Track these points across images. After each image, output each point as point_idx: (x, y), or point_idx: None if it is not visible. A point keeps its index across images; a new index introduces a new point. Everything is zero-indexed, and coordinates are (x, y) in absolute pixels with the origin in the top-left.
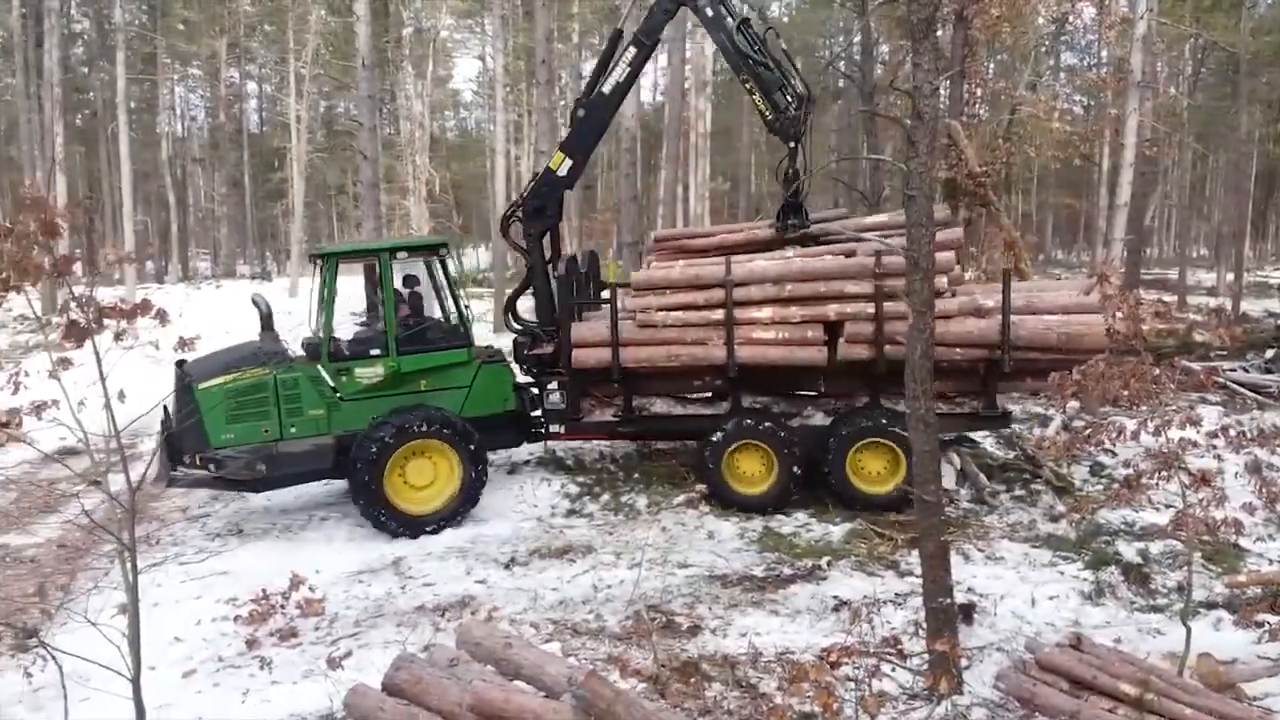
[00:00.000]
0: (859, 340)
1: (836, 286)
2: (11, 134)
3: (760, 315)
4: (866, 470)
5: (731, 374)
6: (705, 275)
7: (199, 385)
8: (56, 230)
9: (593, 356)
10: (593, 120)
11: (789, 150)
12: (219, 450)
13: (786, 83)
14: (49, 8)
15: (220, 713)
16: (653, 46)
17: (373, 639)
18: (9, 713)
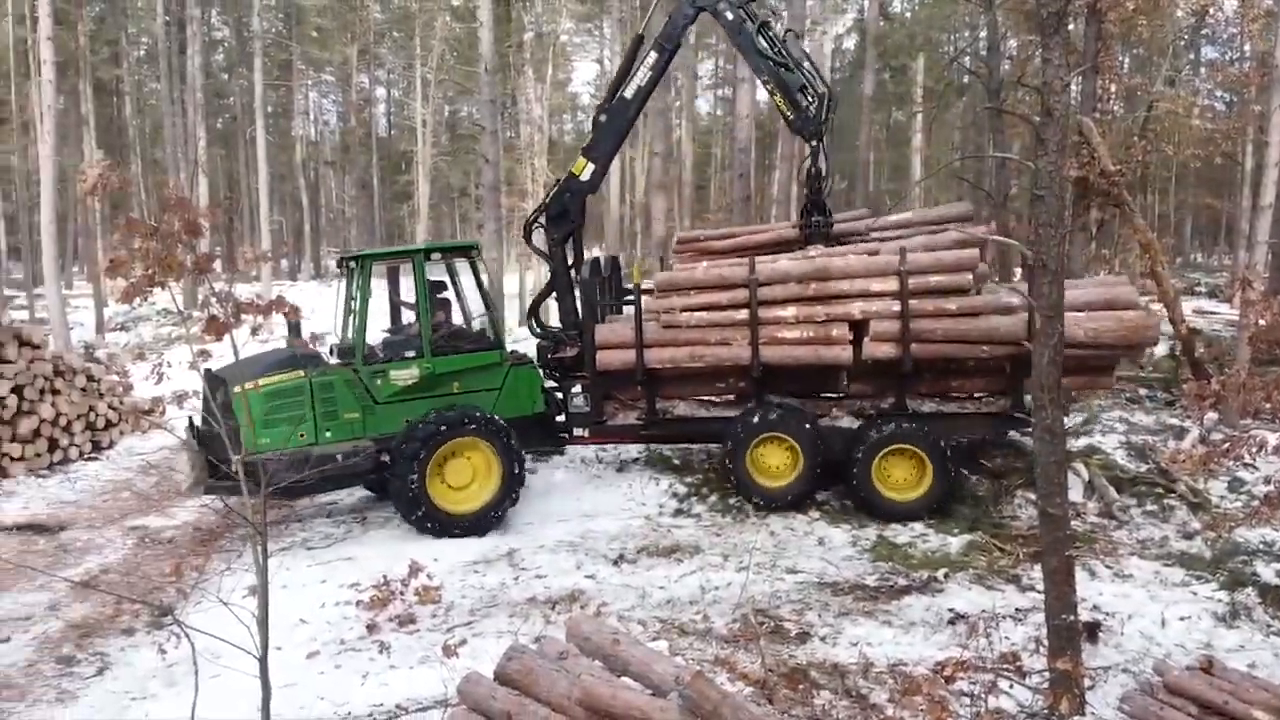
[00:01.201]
0: (885, 339)
1: (861, 285)
2: (157, 137)
3: (785, 314)
4: (892, 477)
5: (755, 374)
6: (729, 275)
7: (234, 389)
8: (199, 230)
9: (617, 358)
10: (614, 125)
11: (811, 150)
12: (257, 455)
13: (808, 83)
14: (191, 15)
15: (341, 694)
16: (674, 51)
17: (486, 628)
18: (145, 686)
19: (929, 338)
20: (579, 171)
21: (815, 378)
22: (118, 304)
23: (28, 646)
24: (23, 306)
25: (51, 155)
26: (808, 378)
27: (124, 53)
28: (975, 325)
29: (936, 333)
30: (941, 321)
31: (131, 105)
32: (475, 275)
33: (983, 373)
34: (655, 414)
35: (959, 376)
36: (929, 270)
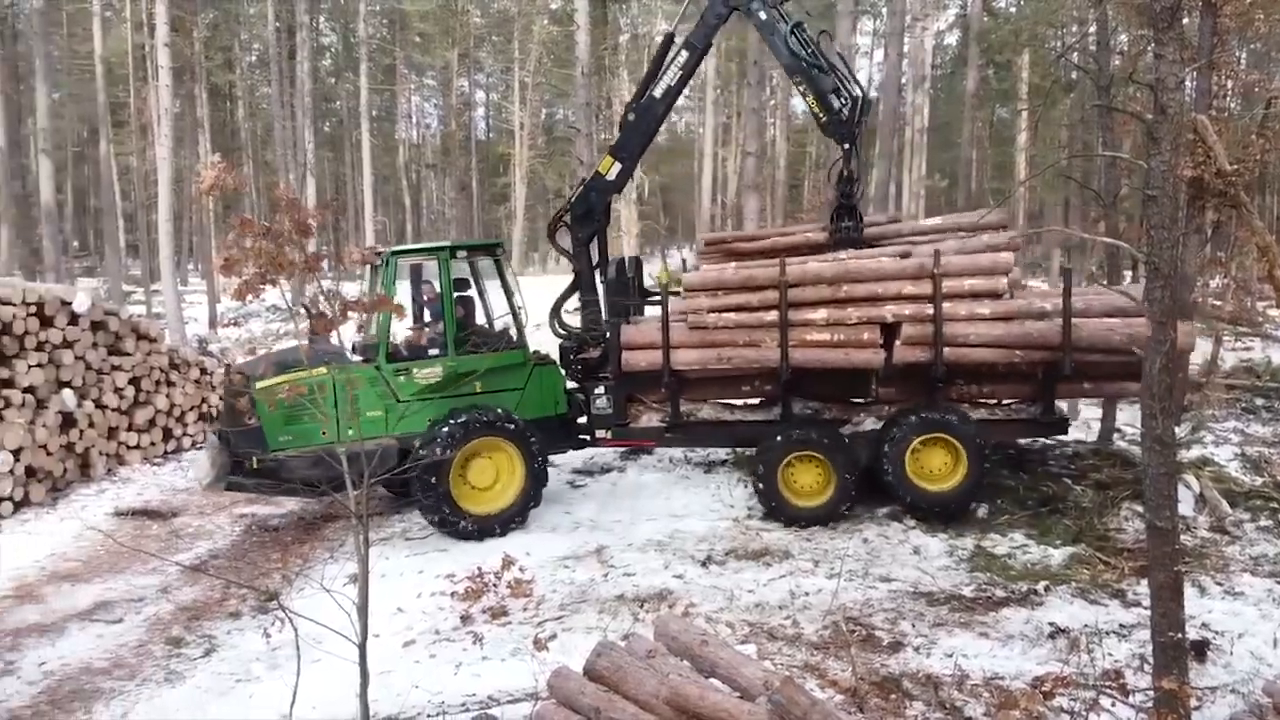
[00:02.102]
0: (916, 342)
1: (894, 287)
2: (267, 139)
3: (815, 317)
4: (926, 468)
5: (784, 377)
6: (759, 276)
7: (256, 386)
8: (309, 230)
9: (642, 359)
10: (642, 124)
11: (843, 152)
12: (278, 453)
13: (841, 85)
14: (300, 22)
15: (435, 683)
16: (704, 51)
17: (576, 623)
18: (249, 669)
19: (961, 342)
20: (605, 171)
21: (843, 382)
22: (230, 300)
23: (139, 627)
24: (140, 302)
25: (168, 157)
26: (836, 381)
27: (237, 58)
28: (1008, 330)
29: (969, 337)
30: (974, 326)
31: (244, 109)
32: (500, 274)
33: (1014, 378)
34: (679, 417)
35: (990, 381)
36: (963, 273)
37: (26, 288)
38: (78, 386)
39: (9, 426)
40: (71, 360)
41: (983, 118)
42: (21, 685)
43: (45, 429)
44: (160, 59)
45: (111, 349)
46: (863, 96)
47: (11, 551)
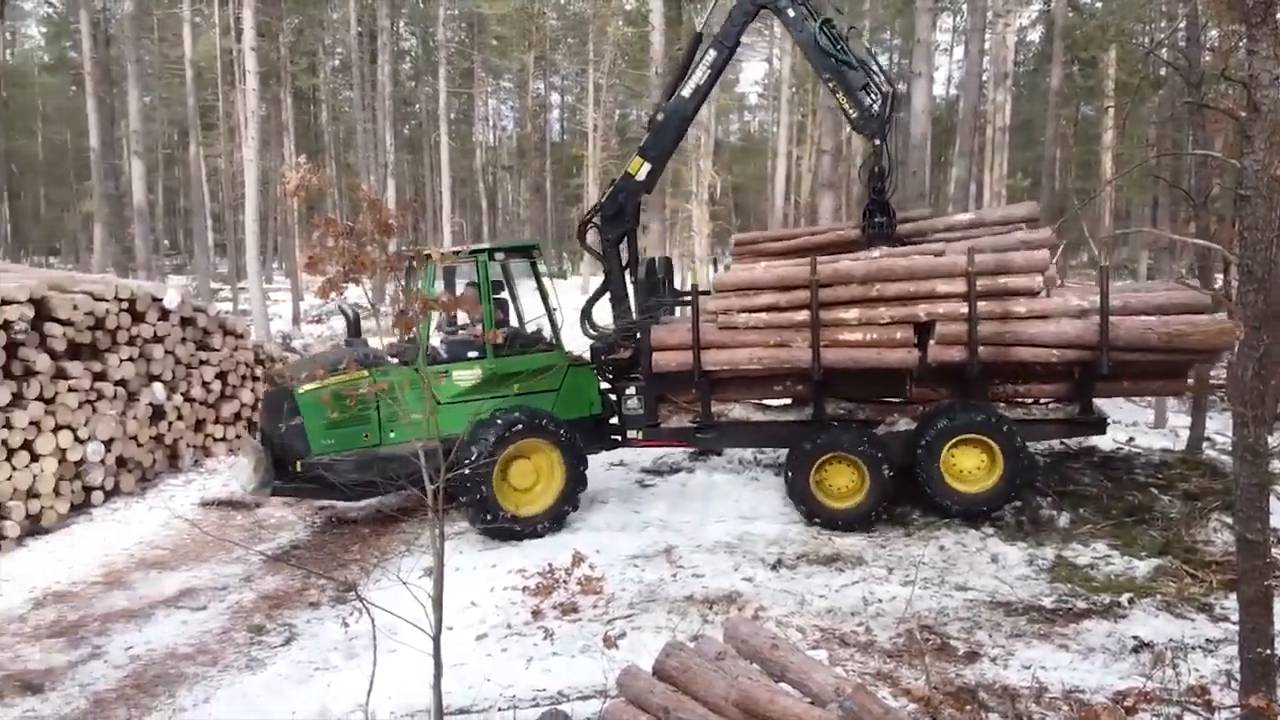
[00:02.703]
0: (951, 342)
1: (927, 286)
2: (349, 142)
3: (847, 316)
4: (961, 469)
5: (816, 377)
6: (789, 275)
7: (299, 390)
8: (390, 230)
9: (673, 360)
10: (671, 124)
11: (874, 148)
12: (321, 457)
13: (870, 81)
14: (381, 27)
15: (506, 676)
16: (733, 49)
17: (645, 623)
18: (327, 658)
19: (996, 341)
20: (635, 171)
21: (876, 381)
22: (314, 298)
23: (223, 615)
24: (227, 299)
25: (255, 158)
26: (868, 381)
27: (320, 63)
28: (1044, 329)
29: (1004, 336)
30: (1009, 325)
31: (327, 112)
32: (536, 276)
33: (1050, 377)
34: (710, 417)
35: (1026, 380)
36: (997, 271)
37: (119, 284)
38: (167, 380)
39: (101, 418)
40: (161, 355)
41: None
42: (108, 669)
43: (135, 421)
44: (247, 63)
45: (199, 344)
46: (892, 92)
47: (102, 539)
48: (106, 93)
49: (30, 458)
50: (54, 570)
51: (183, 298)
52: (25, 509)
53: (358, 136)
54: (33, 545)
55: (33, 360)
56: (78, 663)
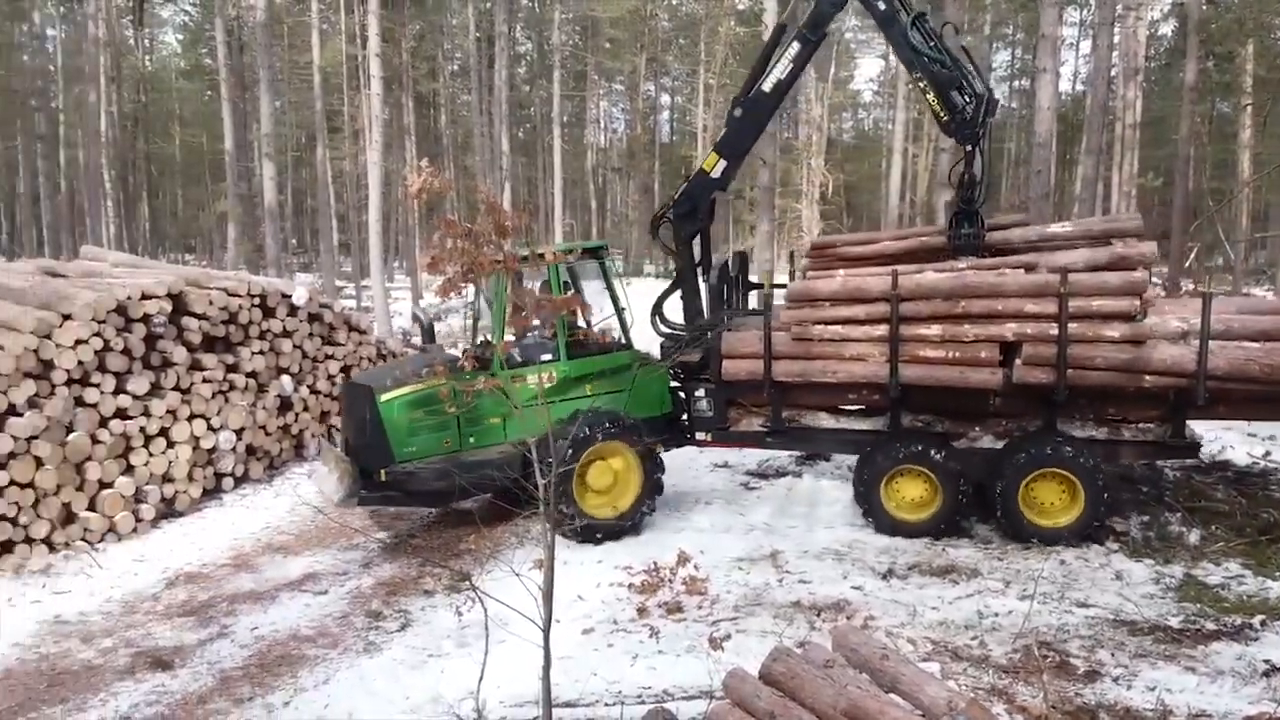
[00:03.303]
0: (1038, 363)
1: (1015, 305)
2: (466, 144)
3: (928, 333)
4: (1039, 501)
5: (894, 394)
6: (868, 287)
7: (381, 398)
8: (507, 231)
9: (743, 368)
10: (750, 120)
11: (965, 153)
12: (404, 464)
13: (965, 82)
14: (499, 32)
15: (612, 672)
16: (818, 43)
17: (750, 626)
18: (440, 645)
19: (1086, 364)
20: (709, 168)
21: (955, 396)
22: (433, 296)
23: (342, 600)
24: (351, 296)
25: (378, 161)
26: (947, 396)
27: (440, 67)
28: (1138, 354)
29: (1095, 360)
30: (1101, 348)
31: (445, 116)
32: (605, 276)
33: (1142, 400)
34: (781, 422)
35: (1115, 403)
36: (1092, 293)
37: (251, 281)
38: (294, 373)
39: (233, 408)
40: (290, 349)
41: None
42: (234, 648)
43: (265, 411)
44: (371, 69)
45: (325, 339)
46: (988, 95)
47: (231, 523)
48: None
49: (166, 444)
50: (186, 552)
51: (310, 294)
52: (161, 493)
53: (475, 139)
54: (166, 527)
55: (170, 352)
56: (206, 641)
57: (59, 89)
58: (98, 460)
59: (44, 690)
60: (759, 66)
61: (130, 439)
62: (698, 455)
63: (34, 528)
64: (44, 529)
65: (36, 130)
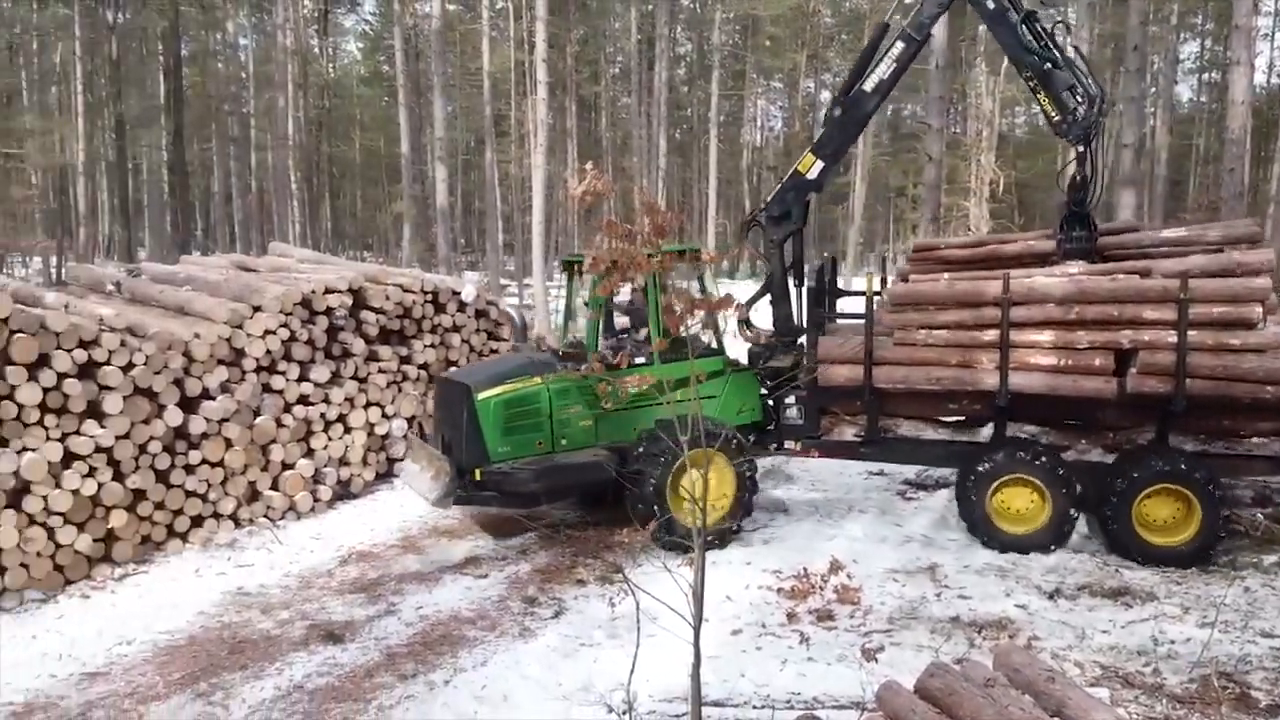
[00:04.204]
0: (1154, 372)
1: (1132, 311)
2: (625, 146)
3: (1040, 339)
4: (1152, 518)
5: (1002, 402)
6: (978, 291)
7: (478, 396)
8: (665, 232)
9: (841, 374)
10: (850, 120)
11: (1077, 155)
12: (500, 465)
13: (1078, 82)
14: (660, 34)
15: (761, 675)
16: (923, 42)
17: (905, 639)
18: (591, 634)
19: (1205, 374)
20: (805, 169)
21: (1062, 406)
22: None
23: (500, 584)
24: (513, 294)
25: (542, 164)
26: (1054, 406)
27: (602, 71)
28: (1260, 363)
29: (1216, 369)
30: (1221, 357)
31: (605, 118)
32: (700, 279)
33: (1262, 412)
34: (876, 432)
35: (1232, 414)
36: (1213, 299)
37: (424, 278)
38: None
39: (405, 397)
40: (458, 343)
41: None
42: (400, 626)
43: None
44: (538, 74)
45: (490, 334)
46: (1100, 95)
47: (400, 506)
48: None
49: (344, 430)
50: (358, 532)
51: (478, 291)
52: (337, 475)
53: (633, 141)
54: (341, 508)
55: (350, 343)
56: (375, 617)
57: (250, 95)
58: (281, 443)
59: (225, 657)
60: (860, 65)
61: (311, 424)
62: (849, 463)
63: (221, 504)
64: (230, 505)
65: (230, 134)
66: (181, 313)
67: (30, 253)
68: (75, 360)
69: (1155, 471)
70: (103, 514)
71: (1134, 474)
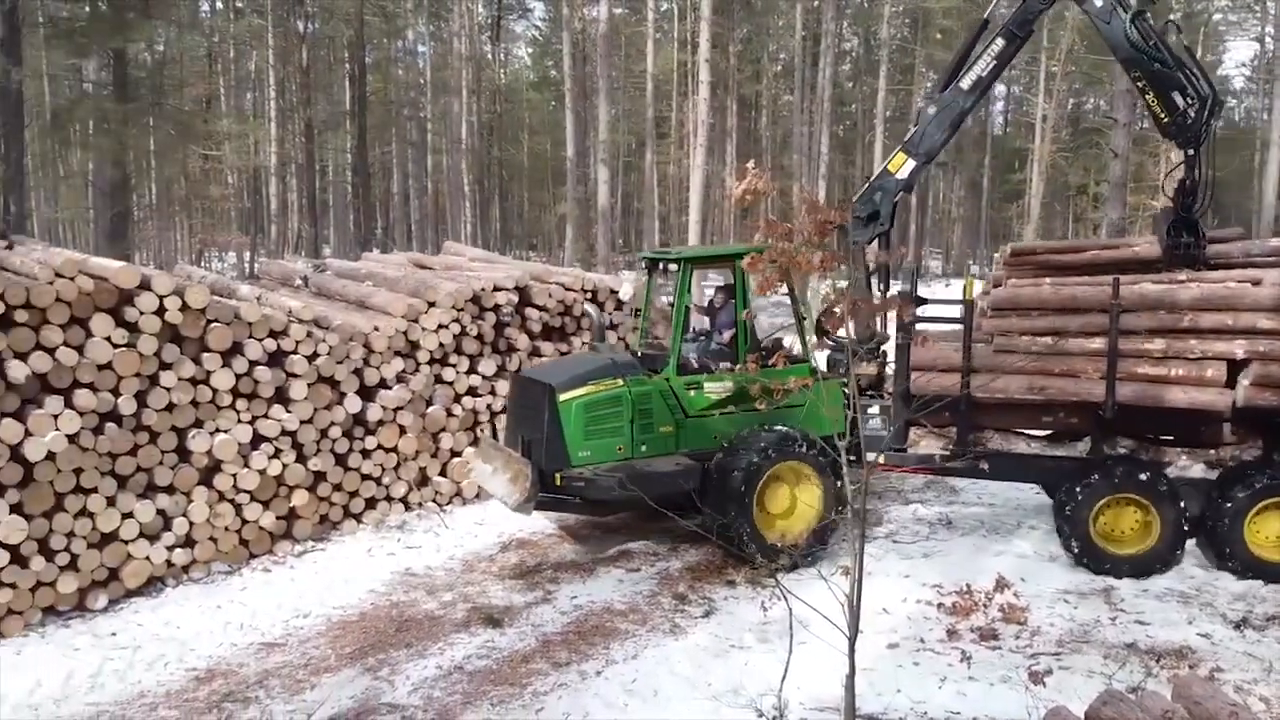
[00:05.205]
0: (1269, 384)
1: (1248, 319)
2: (784, 145)
3: (1151, 347)
4: (1264, 535)
5: (1109, 414)
6: (1085, 297)
7: (561, 397)
8: (827, 231)
9: (935, 383)
10: (945, 118)
11: (1185, 158)
12: (582, 469)
13: (1189, 83)
14: (826, 30)
15: (918, 691)
16: (1025, 40)
17: (1075, 664)
18: (741, 637)
19: None
20: (895, 169)
21: (1165, 420)
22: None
23: (652, 579)
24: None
25: (701, 164)
26: (1157, 420)
27: (764, 69)
28: None
29: None
30: None
31: (766, 117)
32: (789, 283)
33: None
34: (966, 445)
35: None
36: None
37: (585, 277)
38: None
39: None
40: (615, 340)
41: None
42: (556, 614)
43: None
44: (700, 74)
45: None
46: (1212, 97)
47: None
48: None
49: None
50: (519, 520)
51: (635, 290)
52: None
53: (794, 140)
54: None
55: (515, 339)
56: (532, 604)
57: (428, 100)
58: (450, 431)
59: (393, 634)
60: (957, 61)
61: (478, 414)
62: None
63: (394, 488)
64: (402, 489)
65: (408, 138)
66: (362, 306)
67: (226, 248)
68: (265, 349)
69: (1270, 486)
70: (286, 493)
71: (1246, 489)
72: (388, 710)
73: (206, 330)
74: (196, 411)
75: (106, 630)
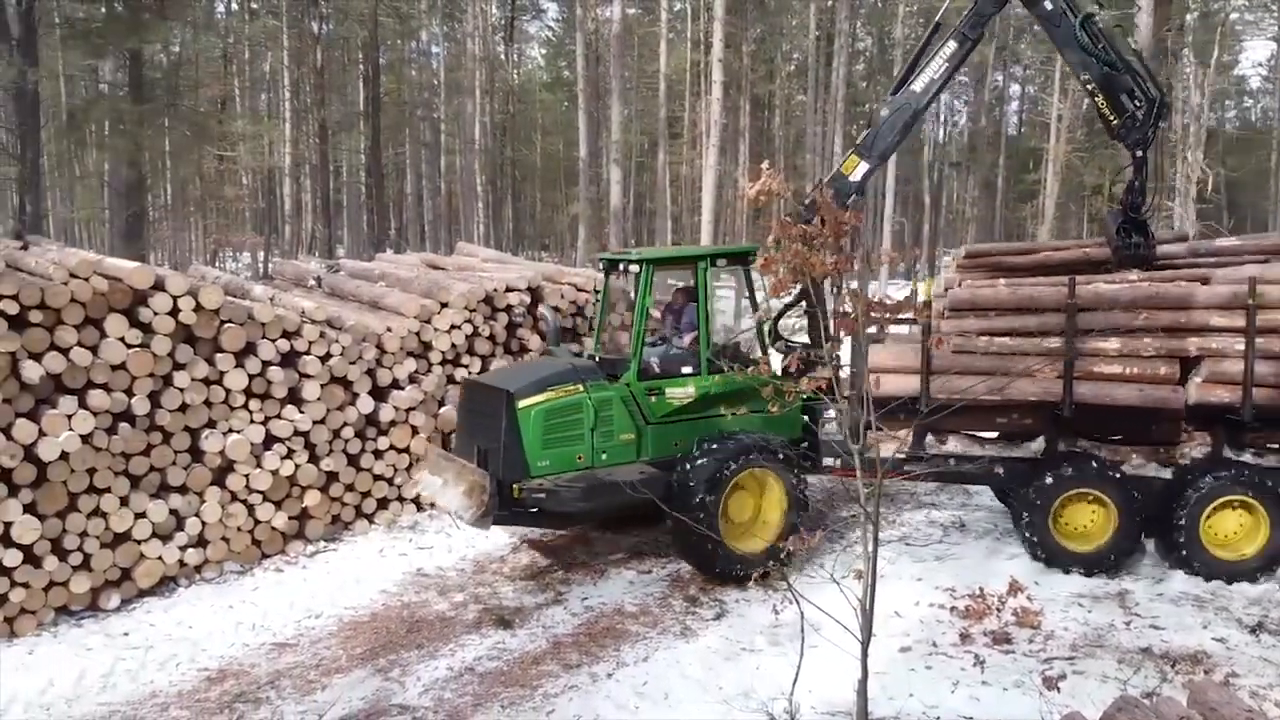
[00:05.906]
0: (1220, 381)
1: (1201, 318)
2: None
3: (1107, 346)
4: (1217, 532)
5: (1067, 413)
6: (1042, 296)
7: (519, 404)
8: (843, 233)
9: (894, 385)
10: (898, 122)
11: (1134, 160)
12: (541, 480)
13: (1136, 86)
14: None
15: (930, 695)
16: (975, 43)
17: (1089, 668)
18: (752, 640)
19: (1272, 383)
20: (848, 170)
21: (1117, 419)
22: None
23: (663, 581)
24: None
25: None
26: (1109, 418)
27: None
28: None
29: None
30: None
31: (779, 117)
32: (749, 285)
33: None
34: (922, 448)
35: None
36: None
37: (597, 278)
38: None
39: None
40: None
41: None
42: (566, 615)
43: None
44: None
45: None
46: (1160, 99)
47: None
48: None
49: None
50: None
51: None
52: None
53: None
54: None
55: (527, 339)
56: (543, 605)
57: (441, 101)
58: None
59: (404, 635)
60: (911, 64)
61: None
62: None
63: (406, 488)
64: (414, 490)
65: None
66: (375, 307)
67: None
68: (279, 349)
69: (1223, 483)
70: (298, 494)
71: (1201, 487)
72: (399, 711)
73: (220, 331)
74: (210, 412)
75: (119, 630)
